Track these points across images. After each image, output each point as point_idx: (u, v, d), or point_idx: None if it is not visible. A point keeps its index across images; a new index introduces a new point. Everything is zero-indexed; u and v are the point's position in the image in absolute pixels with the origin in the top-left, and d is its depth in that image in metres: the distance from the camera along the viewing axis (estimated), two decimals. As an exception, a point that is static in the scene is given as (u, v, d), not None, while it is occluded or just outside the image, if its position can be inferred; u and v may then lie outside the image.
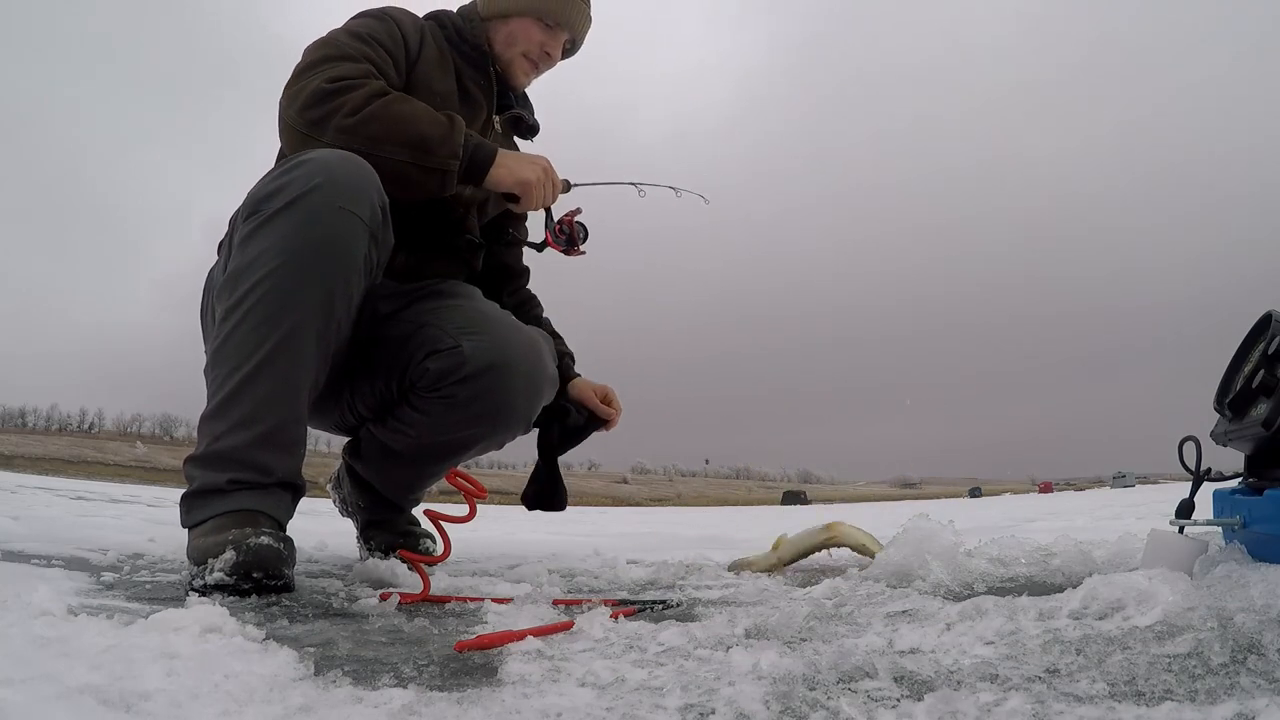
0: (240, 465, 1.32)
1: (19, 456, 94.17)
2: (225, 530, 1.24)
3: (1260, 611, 0.82)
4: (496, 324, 1.69)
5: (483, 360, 1.62)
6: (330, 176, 1.41)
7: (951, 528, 1.55)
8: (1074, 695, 0.66)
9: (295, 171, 1.41)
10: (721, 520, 7.76)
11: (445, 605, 1.22)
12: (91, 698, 0.62)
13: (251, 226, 1.40)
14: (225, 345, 1.36)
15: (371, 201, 1.45)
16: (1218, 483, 1.19)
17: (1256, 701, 0.62)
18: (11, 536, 1.82)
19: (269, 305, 1.35)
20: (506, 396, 1.66)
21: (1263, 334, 1.17)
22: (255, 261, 1.37)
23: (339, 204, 1.40)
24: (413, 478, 1.90)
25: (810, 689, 0.70)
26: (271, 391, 1.34)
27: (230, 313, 1.37)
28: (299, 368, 1.36)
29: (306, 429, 1.42)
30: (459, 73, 1.87)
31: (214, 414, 1.35)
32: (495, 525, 4.20)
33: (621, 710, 0.66)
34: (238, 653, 0.78)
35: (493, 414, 1.67)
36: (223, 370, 1.35)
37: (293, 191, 1.39)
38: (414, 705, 0.66)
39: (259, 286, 1.36)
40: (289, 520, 1.39)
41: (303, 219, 1.37)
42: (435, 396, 1.66)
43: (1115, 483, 57.96)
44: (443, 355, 1.63)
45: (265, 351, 1.33)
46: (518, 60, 1.91)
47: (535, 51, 1.91)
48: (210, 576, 1.19)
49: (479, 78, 1.90)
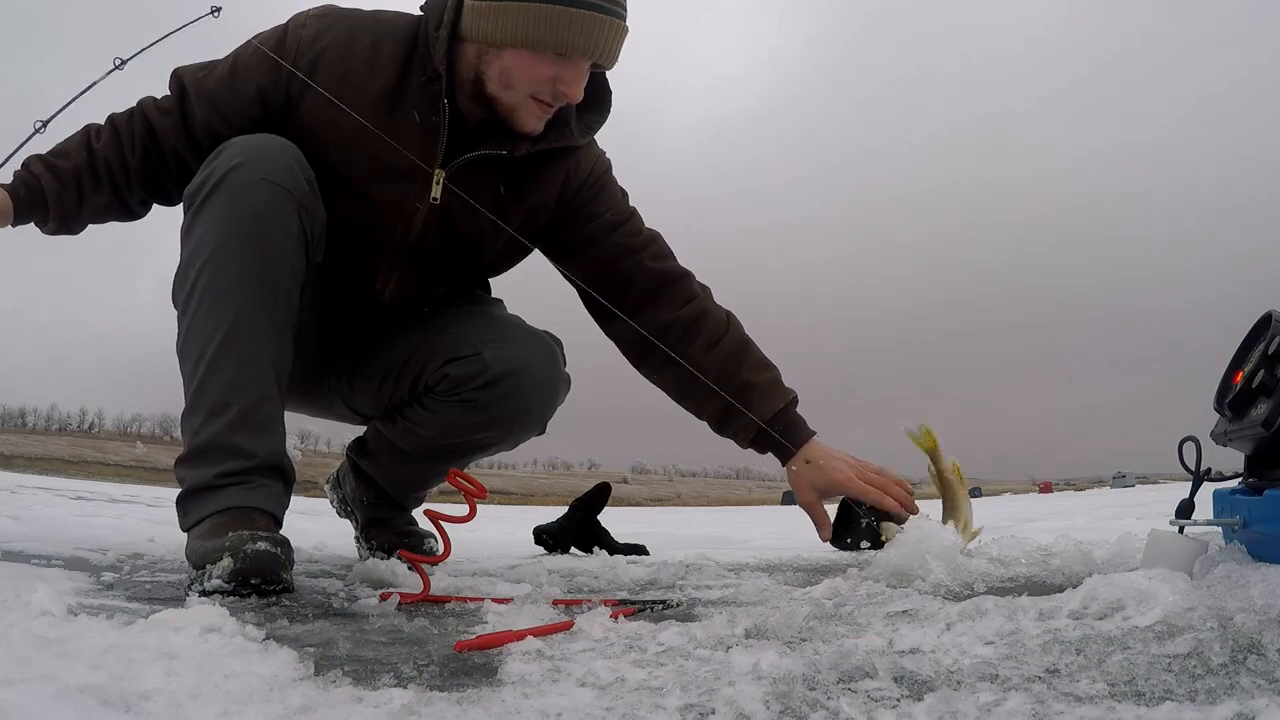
0: (223, 453, 1.32)
1: (19, 456, 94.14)
2: (222, 532, 1.24)
3: (1260, 611, 0.82)
4: (515, 332, 1.72)
5: (502, 367, 1.64)
6: (248, 155, 1.41)
7: (952, 528, 1.55)
8: (1074, 695, 0.66)
9: (216, 160, 1.42)
10: (721, 520, 7.76)
11: (445, 605, 1.22)
12: (91, 698, 0.62)
13: (188, 220, 1.42)
14: (186, 338, 1.38)
15: (293, 171, 1.44)
16: (1218, 483, 1.19)
17: (1256, 701, 0.62)
18: (11, 536, 1.82)
19: (214, 291, 1.36)
20: (525, 401, 1.68)
21: (1263, 334, 1.17)
22: (195, 251, 1.38)
23: (259, 176, 1.39)
24: (421, 476, 1.90)
25: (810, 689, 0.70)
26: (235, 374, 1.35)
27: (185, 306, 1.39)
28: (256, 345, 1.36)
29: (282, 406, 1.42)
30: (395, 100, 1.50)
31: (189, 409, 1.37)
32: (495, 525, 4.21)
33: (621, 710, 0.66)
34: (238, 653, 0.78)
35: (510, 417, 1.70)
36: (188, 364, 1.37)
37: (215, 176, 1.39)
38: (414, 705, 0.65)
39: (201, 274, 1.37)
40: (284, 511, 1.38)
41: (229, 199, 1.38)
42: (454, 400, 1.67)
43: (1115, 483, 57.99)
44: (463, 362, 1.64)
45: (221, 336, 1.34)
46: (524, 106, 1.48)
47: (546, 92, 1.46)
48: (209, 583, 1.19)
49: (428, 111, 1.50)
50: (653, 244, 1.72)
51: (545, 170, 1.62)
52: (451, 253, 1.65)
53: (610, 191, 1.72)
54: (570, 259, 1.71)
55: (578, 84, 1.46)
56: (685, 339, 1.65)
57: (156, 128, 1.54)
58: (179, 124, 1.54)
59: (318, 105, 1.50)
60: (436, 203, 1.55)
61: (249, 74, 1.52)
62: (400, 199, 1.55)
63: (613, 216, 1.69)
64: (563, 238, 1.70)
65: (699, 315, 1.67)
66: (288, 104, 1.52)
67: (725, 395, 1.62)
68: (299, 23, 1.55)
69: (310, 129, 1.51)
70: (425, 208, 1.56)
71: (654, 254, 1.70)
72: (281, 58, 1.50)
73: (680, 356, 1.64)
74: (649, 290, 1.68)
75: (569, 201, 1.67)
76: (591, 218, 1.68)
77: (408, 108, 1.51)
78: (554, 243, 1.72)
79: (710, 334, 1.66)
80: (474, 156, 1.53)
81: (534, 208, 1.65)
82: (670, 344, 1.64)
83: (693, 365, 1.63)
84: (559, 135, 1.58)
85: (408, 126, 1.51)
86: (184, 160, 1.54)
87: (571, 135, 1.60)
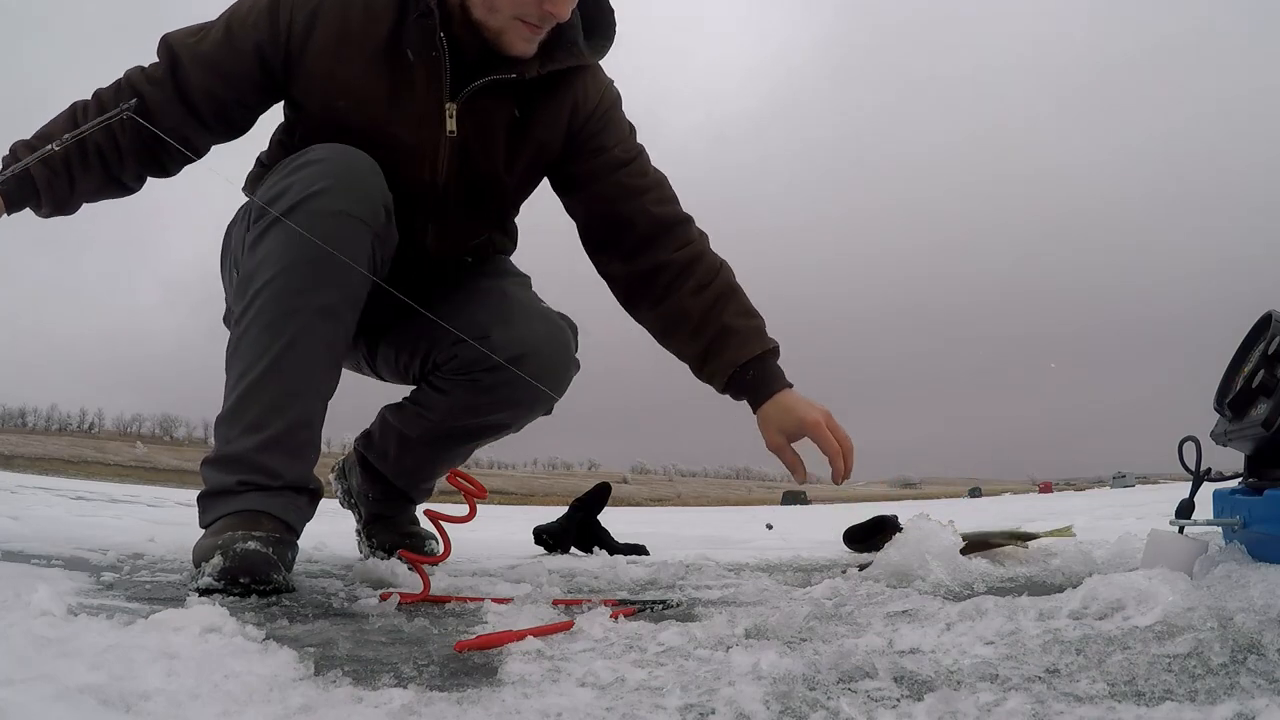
0: (249, 468, 1.33)
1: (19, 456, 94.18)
2: (225, 532, 1.25)
3: (1260, 611, 0.82)
4: (527, 313, 1.71)
5: (512, 350, 1.63)
6: (335, 179, 1.41)
7: (951, 528, 1.55)
8: (1074, 695, 0.66)
9: (300, 172, 1.41)
10: (721, 520, 7.75)
11: (445, 605, 1.22)
12: (91, 698, 0.62)
13: (258, 231, 1.41)
14: (237, 348, 1.39)
15: (374, 201, 1.44)
16: (1218, 483, 1.19)
17: (1256, 701, 0.62)
18: (11, 536, 1.82)
19: (272, 312, 1.36)
20: (533, 381, 1.65)
21: (1263, 334, 1.17)
22: (260, 266, 1.39)
23: (340, 208, 1.39)
24: (429, 464, 1.88)
25: (810, 689, 0.70)
26: (277, 397, 1.35)
27: (241, 317, 1.40)
28: (304, 374, 1.37)
29: (318, 433, 1.42)
30: (395, 44, 1.49)
31: (226, 417, 1.37)
32: (495, 525, 4.20)
33: (621, 710, 0.66)
34: (238, 653, 0.78)
35: (518, 399, 1.70)
36: (234, 374, 1.38)
37: (294, 195, 1.39)
38: (414, 705, 0.65)
39: (263, 292, 1.37)
40: (304, 521, 1.39)
41: (305, 225, 1.37)
42: (462, 379, 1.68)
43: (1115, 483, 57.97)
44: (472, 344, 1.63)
45: (270, 358, 1.35)
46: (511, 28, 1.45)
47: (533, 12, 1.43)
48: (200, 581, 1.20)
49: (426, 47, 1.49)
50: (657, 188, 1.69)
51: (554, 95, 1.59)
52: (476, 191, 1.63)
53: (618, 125, 1.69)
54: (574, 193, 1.70)
55: (563, 2, 1.43)
56: (677, 281, 1.64)
57: (148, 99, 1.48)
58: (173, 95, 1.49)
59: (321, 58, 1.48)
60: (453, 135, 1.53)
61: (245, 31, 1.49)
62: (420, 139, 1.53)
63: (620, 153, 1.67)
64: (568, 169, 1.67)
65: (693, 259, 1.65)
66: (288, 60, 1.50)
67: (704, 337, 1.62)
68: None
69: (317, 81, 1.50)
70: (445, 145, 1.54)
71: (657, 198, 1.68)
72: (277, 14, 1.48)
73: (669, 296, 1.64)
74: (649, 234, 1.66)
75: (577, 132, 1.64)
76: (598, 151, 1.65)
77: (411, 50, 1.49)
78: (559, 174, 1.70)
79: (702, 277, 1.64)
80: (483, 83, 1.51)
81: (545, 139, 1.62)
82: (661, 284, 1.65)
83: (679, 306, 1.63)
84: (567, 55, 1.56)
85: (410, 67, 1.49)
86: (180, 132, 1.50)
87: (581, 54, 1.57)
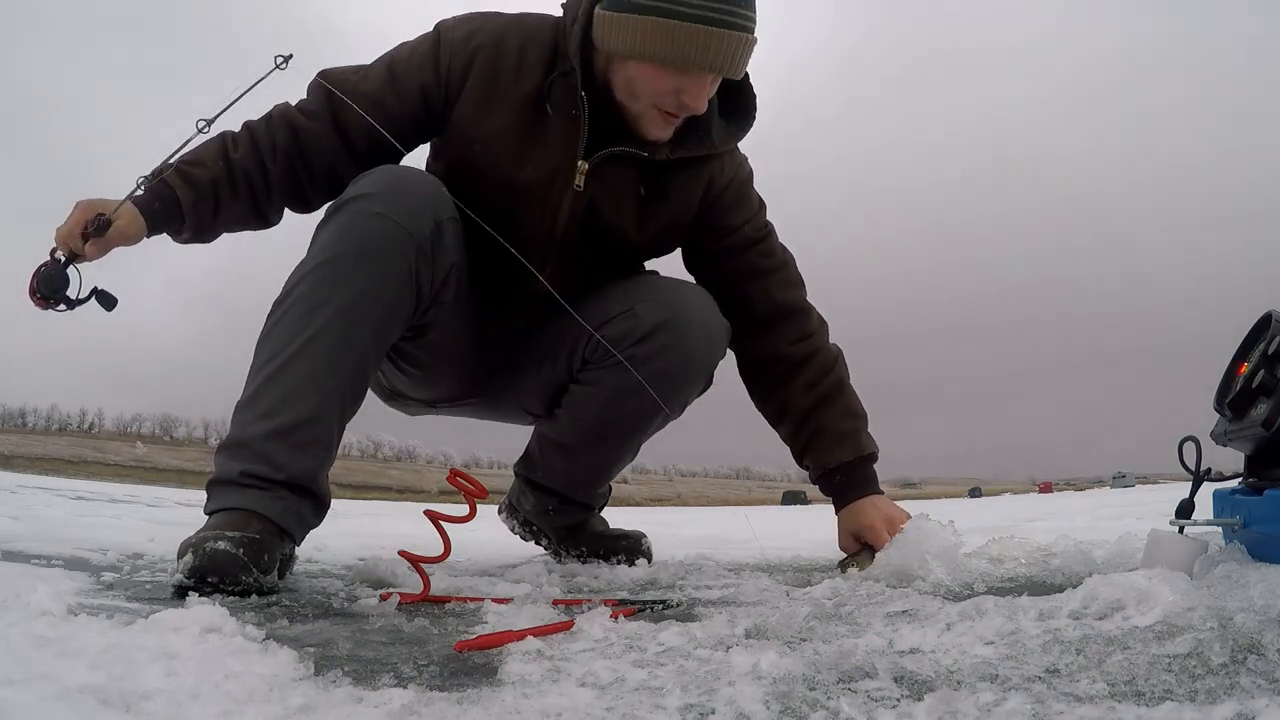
0: (253, 456, 1.33)
1: (19, 456, 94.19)
2: (207, 530, 1.26)
3: (1260, 611, 0.82)
4: (668, 284, 1.70)
5: (658, 317, 1.61)
6: (383, 187, 1.44)
7: (952, 528, 1.55)
8: (1074, 695, 0.66)
9: (360, 181, 1.47)
10: (721, 520, 7.75)
11: (445, 605, 1.22)
12: (91, 698, 0.62)
13: (318, 225, 1.46)
14: (267, 337, 1.41)
15: (420, 212, 1.45)
16: (1218, 483, 1.19)
17: (1256, 701, 0.62)
18: (11, 536, 1.82)
19: (304, 304, 1.39)
20: (684, 349, 1.62)
21: (1263, 334, 1.17)
22: (305, 260, 1.43)
23: (377, 210, 1.41)
24: (598, 467, 1.84)
25: (810, 689, 0.70)
26: (293, 389, 1.35)
27: (277, 307, 1.42)
28: (323, 369, 1.37)
29: (331, 431, 1.39)
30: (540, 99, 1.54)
31: (245, 401, 1.39)
32: (495, 525, 4.20)
33: (621, 710, 0.66)
34: (238, 653, 0.78)
35: (673, 370, 1.62)
36: (259, 361, 1.40)
37: (347, 196, 1.44)
38: (414, 705, 0.66)
39: (300, 284, 1.40)
40: (303, 527, 1.38)
41: (343, 224, 1.42)
42: (611, 363, 1.61)
43: (1115, 483, 57.98)
44: (615, 321, 1.62)
45: (294, 349, 1.36)
46: (648, 114, 1.50)
47: (670, 103, 1.47)
48: (174, 578, 1.21)
49: (569, 103, 1.53)
50: (783, 269, 1.75)
51: (687, 176, 1.64)
52: (598, 242, 1.64)
53: (749, 203, 1.74)
54: (700, 267, 1.77)
55: (700, 96, 1.47)
56: (788, 375, 1.73)
57: (302, 134, 1.54)
58: (330, 128, 1.54)
59: (467, 104, 1.55)
60: (579, 189, 1.57)
61: (410, 73, 1.55)
62: (545, 189, 1.57)
63: (750, 231, 1.72)
64: (697, 243, 1.74)
65: (809, 355, 1.73)
66: (447, 101, 1.56)
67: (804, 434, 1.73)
68: (448, 26, 1.59)
69: (460, 126, 1.57)
70: (570, 197, 1.57)
71: (781, 280, 1.74)
72: (439, 58, 1.55)
73: (779, 390, 1.74)
74: (767, 318, 1.73)
75: (710, 206, 1.69)
76: (729, 230, 1.71)
77: (551, 105, 1.55)
78: (688, 246, 1.75)
79: (812, 376, 1.72)
80: (616, 151, 1.55)
81: (677, 211, 1.67)
82: (774, 376, 1.75)
83: (788, 401, 1.73)
84: (698, 143, 1.60)
85: (551, 121, 1.55)
86: (333, 168, 1.56)
87: (712, 143, 1.61)
